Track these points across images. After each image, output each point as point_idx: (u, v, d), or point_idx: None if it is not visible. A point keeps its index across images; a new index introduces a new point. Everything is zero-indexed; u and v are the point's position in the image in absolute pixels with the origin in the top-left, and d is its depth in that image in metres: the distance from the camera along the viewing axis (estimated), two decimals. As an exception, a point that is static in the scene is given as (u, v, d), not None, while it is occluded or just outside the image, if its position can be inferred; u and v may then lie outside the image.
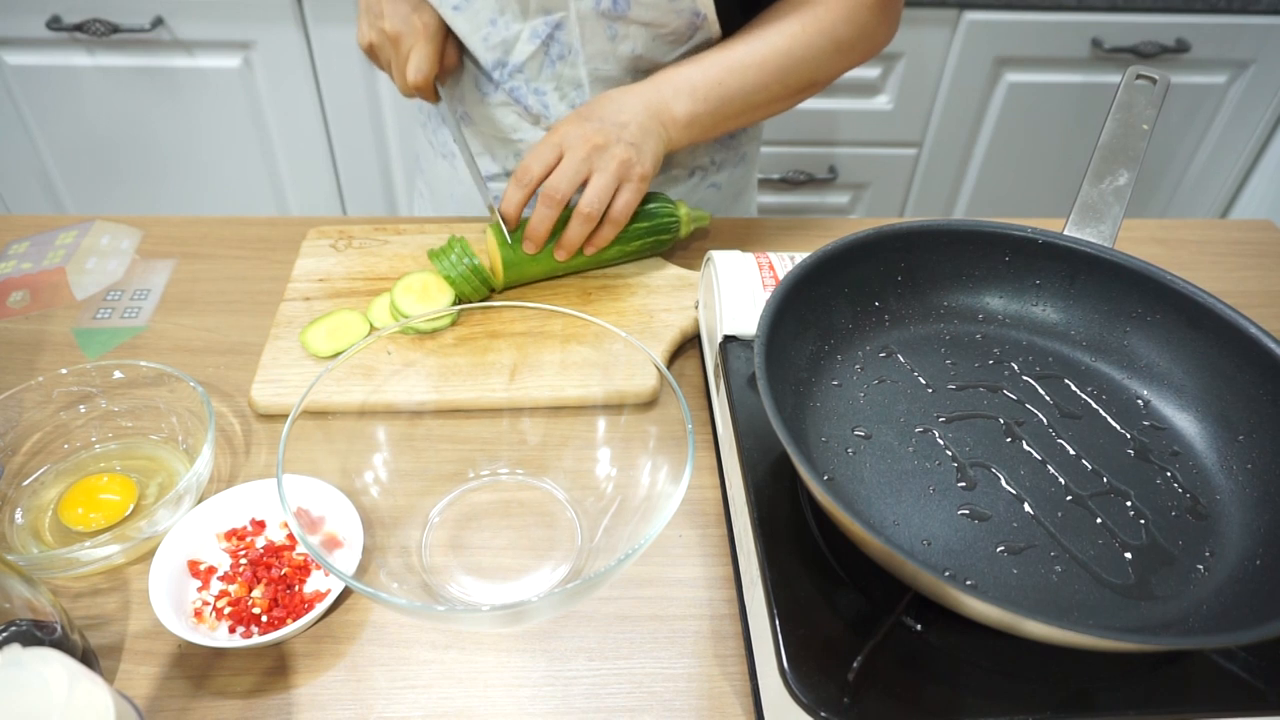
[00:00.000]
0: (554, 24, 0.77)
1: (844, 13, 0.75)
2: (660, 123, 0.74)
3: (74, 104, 1.47)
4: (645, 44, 0.78)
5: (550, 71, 0.80)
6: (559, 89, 0.81)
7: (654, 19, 0.75)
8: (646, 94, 0.74)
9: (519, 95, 0.82)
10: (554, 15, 0.76)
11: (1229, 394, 0.53)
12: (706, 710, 0.51)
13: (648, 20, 0.76)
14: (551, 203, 0.71)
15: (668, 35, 0.77)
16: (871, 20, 0.76)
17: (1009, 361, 0.58)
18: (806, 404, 0.54)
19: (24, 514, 0.60)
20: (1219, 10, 1.43)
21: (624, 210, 0.73)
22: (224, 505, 0.58)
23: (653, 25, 0.76)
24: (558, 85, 0.81)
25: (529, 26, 0.77)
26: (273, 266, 0.80)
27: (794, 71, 0.76)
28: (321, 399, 0.56)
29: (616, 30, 0.76)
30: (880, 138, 1.58)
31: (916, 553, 0.47)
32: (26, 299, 0.77)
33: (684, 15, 0.76)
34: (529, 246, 0.74)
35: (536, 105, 0.82)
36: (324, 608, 0.53)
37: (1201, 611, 0.44)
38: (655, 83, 0.75)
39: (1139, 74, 0.61)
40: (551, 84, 0.81)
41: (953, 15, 1.42)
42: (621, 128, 0.71)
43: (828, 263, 0.55)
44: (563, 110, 0.83)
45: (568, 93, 0.82)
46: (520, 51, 0.79)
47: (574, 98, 0.82)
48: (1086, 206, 0.59)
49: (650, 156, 0.72)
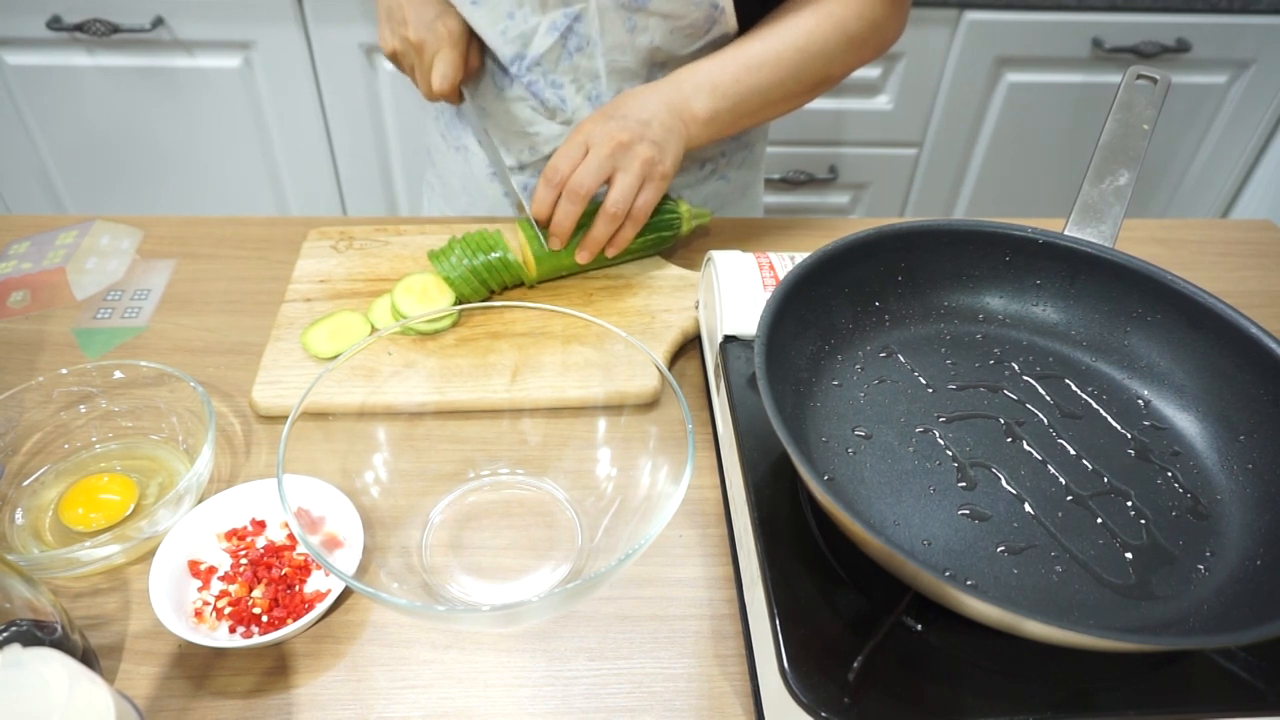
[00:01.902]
0: (573, 16, 0.77)
1: (856, 8, 0.76)
2: (681, 120, 0.74)
3: (74, 104, 1.47)
4: (663, 36, 0.78)
5: (568, 64, 0.81)
6: (576, 81, 0.82)
7: (673, 10, 0.76)
8: (668, 92, 0.75)
9: (536, 89, 0.82)
10: (573, 8, 0.77)
11: (1229, 394, 0.53)
12: (706, 710, 0.51)
13: (667, 12, 0.76)
14: (576, 198, 0.72)
15: (685, 27, 0.78)
16: (883, 14, 0.77)
17: (1009, 361, 0.58)
18: (807, 404, 0.54)
19: (24, 514, 0.60)
20: (1219, 10, 1.43)
21: (645, 209, 0.74)
22: (224, 505, 0.58)
23: (671, 17, 0.77)
24: (575, 78, 0.82)
25: (547, 19, 0.78)
26: (273, 267, 0.80)
27: (809, 67, 0.77)
28: (322, 399, 0.56)
29: (635, 22, 0.77)
30: (880, 138, 1.58)
31: (917, 553, 0.47)
32: (27, 299, 0.77)
33: (702, 8, 0.76)
34: (554, 243, 0.75)
35: (554, 99, 0.83)
36: (324, 608, 0.53)
37: (1202, 611, 0.44)
38: (675, 80, 0.76)
39: (1139, 74, 0.61)
40: (569, 76, 0.81)
41: (953, 15, 1.42)
42: (645, 125, 0.72)
43: (828, 263, 0.55)
44: (579, 103, 0.83)
45: (585, 85, 0.82)
46: (538, 44, 0.79)
47: (590, 90, 0.82)
48: (1087, 206, 0.59)
49: (672, 155, 0.73)
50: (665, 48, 0.79)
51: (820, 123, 1.56)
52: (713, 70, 0.75)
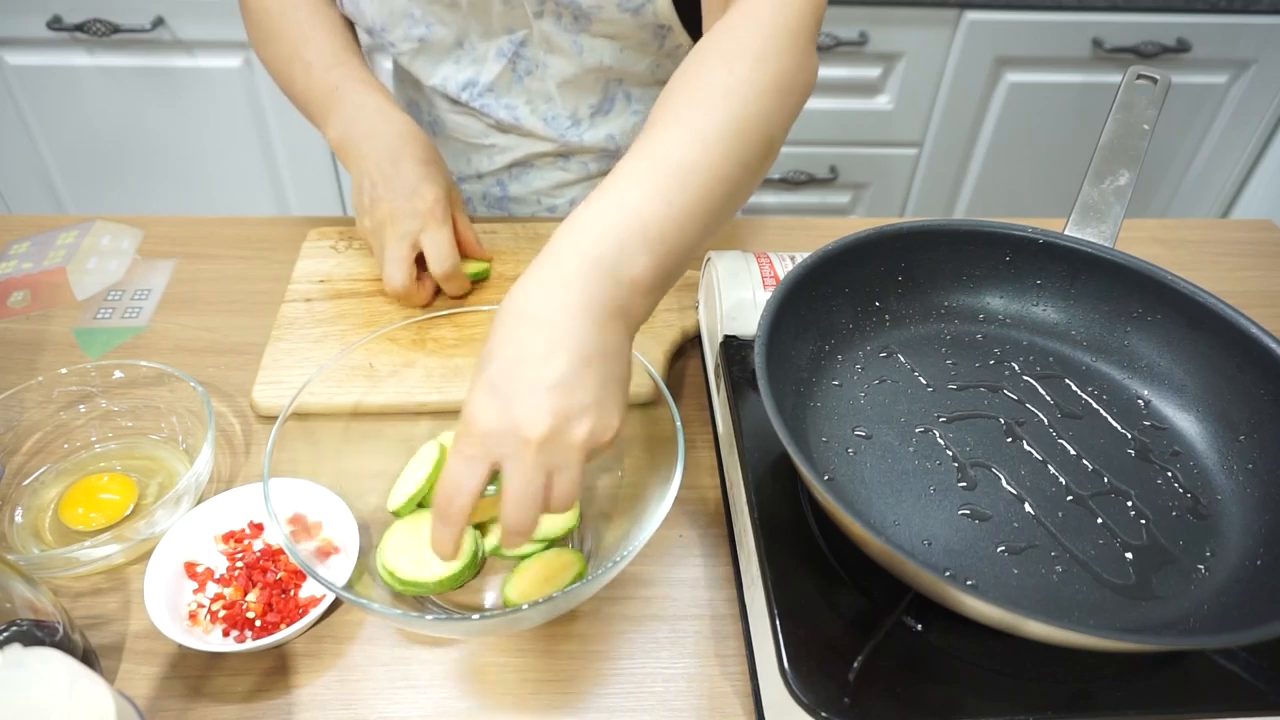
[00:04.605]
0: (518, 41, 0.76)
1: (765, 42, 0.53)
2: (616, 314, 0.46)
3: (74, 104, 1.47)
4: (613, 55, 0.76)
5: (519, 87, 0.79)
6: (529, 103, 0.81)
7: (616, 31, 0.73)
8: (578, 288, 0.45)
9: (489, 110, 0.81)
10: (518, 33, 0.75)
11: (1229, 394, 0.53)
12: (706, 710, 0.51)
13: (611, 33, 0.74)
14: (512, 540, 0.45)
15: (634, 46, 0.76)
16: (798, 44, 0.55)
17: (1009, 361, 0.58)
18: (807, 404, 0.54)
19: (24, 514, 0.60)
20: (1219, 10, 1.43)
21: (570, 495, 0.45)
22: (223, 507, 0.58)
23: (617, 38, 0.74)
24: (528, 99, 0.81)
25: (494, 46, 0.77)
26: (273, 266, 0.80)
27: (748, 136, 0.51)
28: (321, 400, 0.56)
29: (581, 43, 0.75)
30: (880, 138, 1.58)
31: (917, 553, 0.47)
32: (27, 299, 0.77)
33: (647, 28, 0.74)
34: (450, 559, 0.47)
35: (508, 117, 0.82)
36: (319, 613, 0.53)
37: (1202, 611, 0.44)
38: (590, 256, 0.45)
39: (1140, 74, 0.61)
40: (522, 98, 0.80)
41: (953, 15, 1.42)
42: (564, 390, 0.43)
43: (828, 263, 0.55)
44: (535, 122, 0.81)
45: (539, 106, 0.81)
46: (489, 71, 0.78)
47: (545, 111, 0.81)
48: (1087, 206, 0.59)
49: (616, 403, 0.46)
50: (618, 66, 0.77)
51: (820, 123, 1.56)
52: (632, 207, 0.47)
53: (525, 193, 0.90)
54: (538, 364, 0.43)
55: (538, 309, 0.44)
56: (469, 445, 0.44)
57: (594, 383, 0.44)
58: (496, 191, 0.90)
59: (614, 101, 0.82)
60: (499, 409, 0.43)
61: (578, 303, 0.44)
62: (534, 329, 0.44)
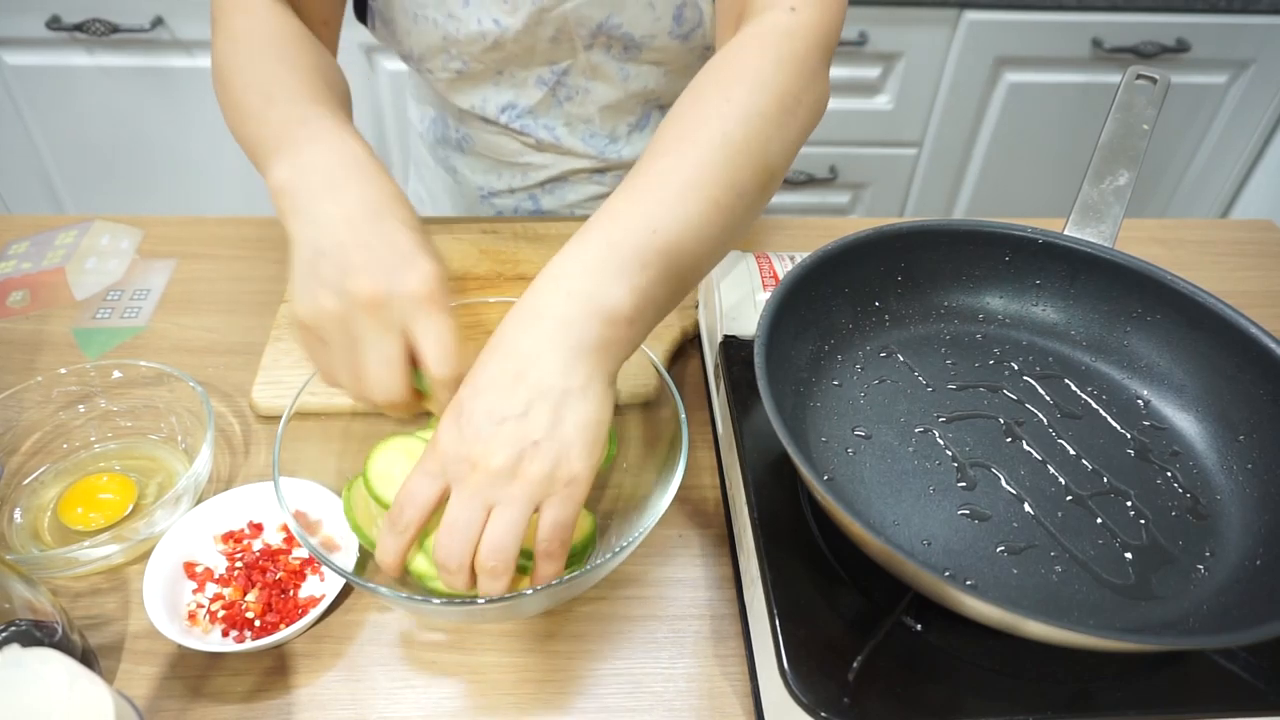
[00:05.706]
0: (561, 71, 0.76)
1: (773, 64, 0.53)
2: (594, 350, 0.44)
3: (74, 104, 1.47)
4: (657, 80, 0.77)
5: (558, 111, 0.80)
6: (568, 124, 0.81)
7: (664, 58, 0.74)
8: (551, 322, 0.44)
9: (529, 130, 0.81)
10: (561, 64, 0.75)
11: (1229, 394, 0.53)
12: (706, 710, 0.51)
13: (659, 60, 0.74)
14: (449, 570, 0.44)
15: (680, 70, 0.76)
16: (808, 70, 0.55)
17: (1009, 361, 0.58)
18: (806, 404, 0.54)
19: (23, 514, 0.60)
20: (1219, 10, 1.43)
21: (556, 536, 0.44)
22: (222, 507, 0.58)
23: (663, 64, 0.75)
24: (567, 121, 0.81)
25: (534, 74, 0.77)
26: (273, 266, 0.80)
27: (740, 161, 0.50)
28: (321, 400, 0.56)
29: (629, 71, 0.76)
30: (880, 138, 1.58)
31: (916, 553, 0.47)
32: (26, 299, 0.77)
33: (695, 51, 0.74)
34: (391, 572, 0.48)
35: (547, 137, 0.82)
36: (318, 613, 0.53)
37: (1202, 611, 0.44)
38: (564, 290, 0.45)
39: (1139, 74, 0.61)
40: (560, 120, 0.81)
41: (953, 15, 1.42)
42: (520, 424, 0.43)
43: (828, 263, 0.55)
44: (573, 142, 0.81)
45: (577, 127, 0.81)
46: (528, 96, 0.78)
47: (584, 130, 0.81)
48: (1087, 206, 0.59)
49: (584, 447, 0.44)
50: (659, 88, 0.78)
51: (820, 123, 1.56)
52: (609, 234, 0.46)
53: (558, 206, 0.90)
54: (501, 395, 0.43)
55: (511, 342, 0.45)
56: (430, 461, 0.45)
57: (556, 420, 0.43)
58: (529, 205, 0.90)
59: (650, 117, 0.83)
60: (457, 432, 0.44)
61: (549, 337, 0.44)
62: (504, 358, 0.45)
